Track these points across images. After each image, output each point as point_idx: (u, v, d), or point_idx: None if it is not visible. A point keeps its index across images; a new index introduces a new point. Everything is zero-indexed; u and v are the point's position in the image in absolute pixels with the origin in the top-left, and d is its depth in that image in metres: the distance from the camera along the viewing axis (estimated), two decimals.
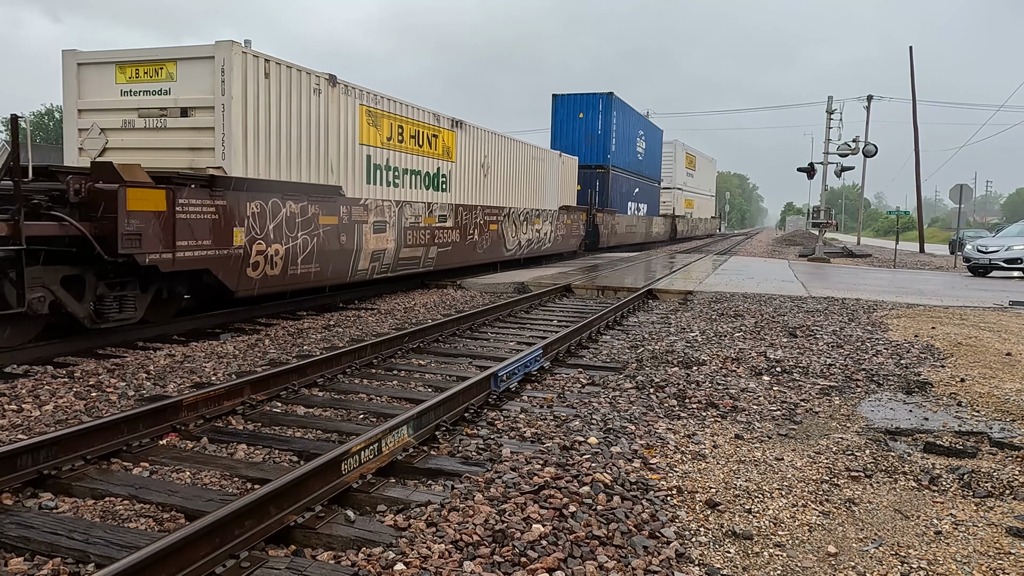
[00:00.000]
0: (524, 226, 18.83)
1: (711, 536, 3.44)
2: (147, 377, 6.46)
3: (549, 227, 20.78)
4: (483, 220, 16.23)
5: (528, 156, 19.19)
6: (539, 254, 20.30)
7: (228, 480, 4.11)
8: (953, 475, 4.20)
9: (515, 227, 18.18)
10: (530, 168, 19.35)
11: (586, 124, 27.34)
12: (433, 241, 13.79)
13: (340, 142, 10.88)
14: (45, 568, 3.02)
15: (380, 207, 11.92)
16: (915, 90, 37.02)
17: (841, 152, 27.27)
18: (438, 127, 14.14)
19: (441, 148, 14.23)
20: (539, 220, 19.94)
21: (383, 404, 5.76)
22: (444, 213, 14.23)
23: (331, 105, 10.65)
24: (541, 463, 4.08)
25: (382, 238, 12.00)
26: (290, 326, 9.39)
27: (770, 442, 4.81)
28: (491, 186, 16.84)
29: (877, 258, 30.55)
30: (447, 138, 14.51)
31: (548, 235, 20.79)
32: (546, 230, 20.60)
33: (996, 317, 10.83)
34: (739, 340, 8.49)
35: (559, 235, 21.75)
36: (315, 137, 10.32)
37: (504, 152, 17.62)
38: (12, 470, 3.86)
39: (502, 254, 17.53)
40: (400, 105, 12.75)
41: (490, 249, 16.69)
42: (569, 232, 22.81)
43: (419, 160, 13.40)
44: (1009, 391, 6.08)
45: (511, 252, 18.04)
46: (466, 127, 15.38)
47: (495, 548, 3.12)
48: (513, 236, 18.07)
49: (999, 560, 3.22)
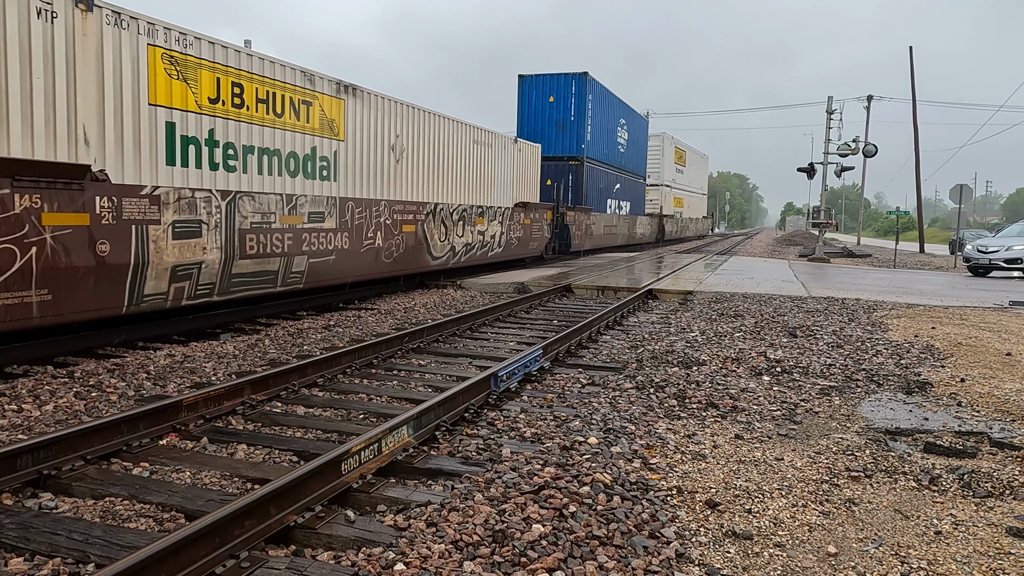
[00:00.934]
0: (460, 227, 15.11)
1: (711, 536, 3.44)
2: (147, 377, 6.46)
3: (499, 228, 17.23)
4: (393, 220, 12.37)
5: (467, 139, 15.76)
6: (485, 261, 16.67)
7: (228, 480, 4.11)
8: (953, 475, 4.19)
9: (445, 228, 14.43)
10: (471, 155, 15.95)
11: (557, 109, 23.76)
12: (300, 249, 9.89)
13: (108, 101, 7.38)
14: (45, 568, 3.02)
15: (189, 201, 8.19)
16: (915, 90, 37.04)
17: (841, 152, 27.26)
18: (312, 91, 10.36)
19: (318, 120, 10.53)
20: (483, 220, 16.27)
21: (383, 404, 5.76)
22: (321, 210, 10.42)
23: (84, 42, 7.10)
24: (541, 463, 4.08)
25: (192, 246, 8.22)
26: (290, 326, 9.39)
27: (770, 442, 4.81)
28: (407, 175, 13.16)
29: (877, 258, 30.55)
30: (329, 108, 10.81)
31: (498, 238, 17.19)
32: (494, 232, 17.03)
33: (996, 317, 10.82)
34: (739, 340, 8.49)
35: (514, 237, 18.24)
36: (47, 90, 6.78)
37: (429, 132, 13.93)
38: (12, 470, 3.86)
39: (425, 263, 13.70)
40: (238, 55, 9.08)
41: (404, 257, 12.86)
42: (528, 234, 19.28)
43: (276, 135, 9.69)
44: (1009, 391, 6.08)
45: (440, 259, 14.33)
46: (363, 95, 11.63)
47: (495, 548, 3.12)
48: (443, 240, 14.35)
49: (999, 560, 3.22)
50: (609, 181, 27.57)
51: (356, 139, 11.62)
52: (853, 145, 27.24)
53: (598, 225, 25.99)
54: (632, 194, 32.00)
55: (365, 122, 11.85)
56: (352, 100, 11.39)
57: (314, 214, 10.34)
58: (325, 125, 10.81)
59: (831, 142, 27.61)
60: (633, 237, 32.48)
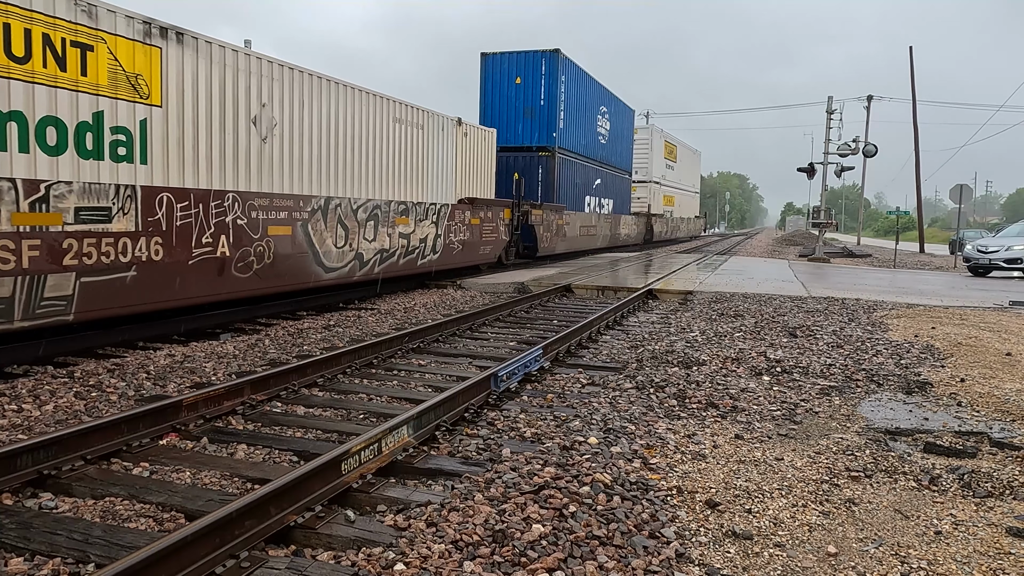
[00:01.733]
0: (371, 229, 11.88)
1: (711, 536, 3.43)
2: (147, 377, 6.46)
3: (432, 230, 14.05)
4: (251, 219, 9.21)
5: (383, 117, 12.55)
6: (413, 271, 13.61)
7: (228, 480, 4.11)
8: (953, 475, 4.19)
9: (346, 231, 11.20)
10: (391, 137, 12.81)
11: (524, 92, 20.64)
12: (60, 263, 6.83)
13: None
14: (45, 568, 3.02)
15: None
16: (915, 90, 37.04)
17: (841, 152, 27.27)
18: (94, 30, 7.26)
19: (106, 73, 7.38)
20: (409, 219, 13.11)
21: (383, 404, 5.76)
22: (105, 204, 7.31)
23: None
24: (541, 463, 4.08)
25: None
26: (290, 326, 9.39)
27: (770, 442, 4.81)
28: (281, 159, 9.99)
29: (877, 258, 30.56)
30: (130, 57, 7.66)
31: (431, 242, 14.00)
32: (426, 234, 13.82)
33: (996, 317, 10.82)
34: (739, 340, 8.49)
35: (456, 241, 15.02)
36: None
37: (319, 103, 10.75)
38: (12, 470, 3.86)
39: (311, 275, 10.48)
40: None
41: (275, 269, 9.67)
42: (477, 237, 16.04)
43: (14, 90, 6.57)
44: (1009, 391, 6.08)
45: (338, 270, 11.12)
46: (199, 44, 8.51)
47: (495, 548, 3.12)
48: (341, 245, 11.13)
49: (999, 560, 3.22)
50: (587, 176, 24.57)
51: (184, 105, 8.29)
52: (853, 145, 27.25)
53: (572, 225, 22.90)
54: (615, 191, 28.96)
55: (203, 82, 8.57)
56: (177, 50, 8.16)
57: (89, 210, 7.13)
58: (122, 81, 7.57)
59: (831, 142, 27.62)
60: (616, 238, 29.28)
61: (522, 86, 20.66)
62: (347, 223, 11.34)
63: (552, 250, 21.03)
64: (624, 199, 30.76)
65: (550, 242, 20.67)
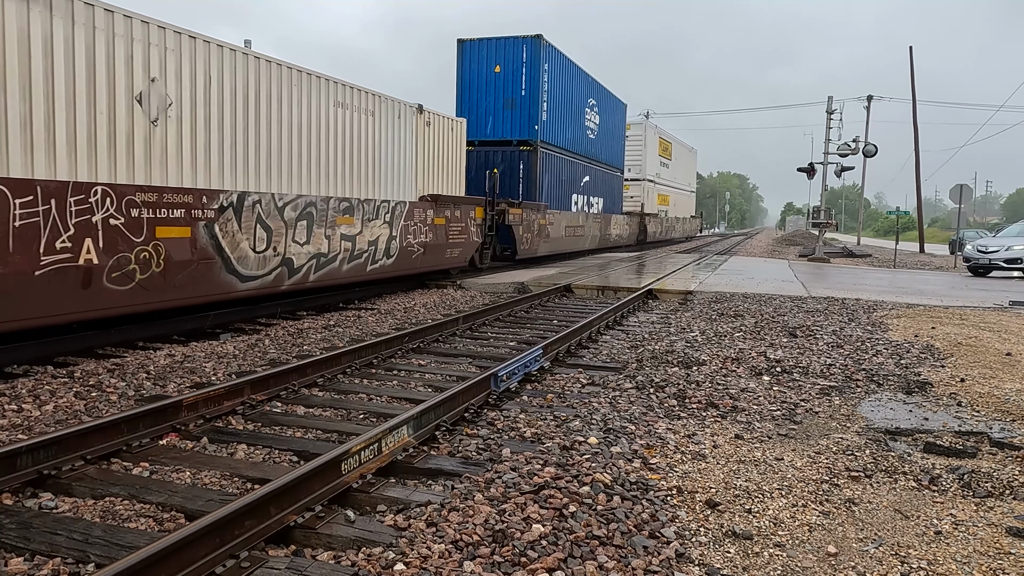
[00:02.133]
0: (304, 230, 10.21)
1: (711, 536, 3.44)
2: (147, 377, 6.46)
3: (385, 231, 12.26)
4: (129, 218, 7.51)
5: (321, 100, 10.79)
6: (362, 278, 11.84)
7: (228, 480, 4.11)
8: (953, 475, 4.20)
9: (268, 232, 9.49)
10: (332, 123, 11.07)
11: (504, 82, 19.12)
12: None
13: None
14: (45, 568, 3.02)
15: None
16: (915, 90, 37.05)
17: (841, 152, 27.28)
18: None
19: None
20: (354, 218, 11.40)
21: (383, 404, 5.76)
22: None
23: None
24: (541, 463, 4.08)
25: None
26: (290, 326, 9.39)
27: (770, 442, 4.81)
28: (179, 146, 8.33)
29: (877, 258, 30.56)
30: None
31: (384, 244, 12.19)
32: (377, 236, 12.03)
33: (996, 317, 10.83)
34: (739, 340, 8.49)
35: (415, 243, 13.19)
36: None
37: (230, 79, 8.97)
38: (12, 470, 3.86)
39: (225, 285, 8.78)
40: None
41: (167, 279, 7.96)
42: (442, 238, 14.25)
43: None
44: (1009, 391, 6.08)
45: (259, 278, 9.36)
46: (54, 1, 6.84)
47: (495, 548, 3.12)
48: (262, 249, 9.37)
49: (999, 560, 3.22)
50: (574, 172, 23.00)
51: (33, 75, 6.67)
52: (853, 145, 27.26)
53: (557, 225, 21.22)
54: (606, 189, 27.24)
55: (61, 47, 6.92)
56: (19, 5, 6.51)
57: None
58: None
59: (831, 142, 27.62)
60: (607, 239, 27.52)
61: (502, 75, 19.11)
62: (270, 223, 9.58)
63: (533, 252, 19.36)
64: (615, 198, 29.16)
65: (531, 244, 19.02)
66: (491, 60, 19.26)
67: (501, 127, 19.33)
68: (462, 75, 19.42)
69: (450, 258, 14.88)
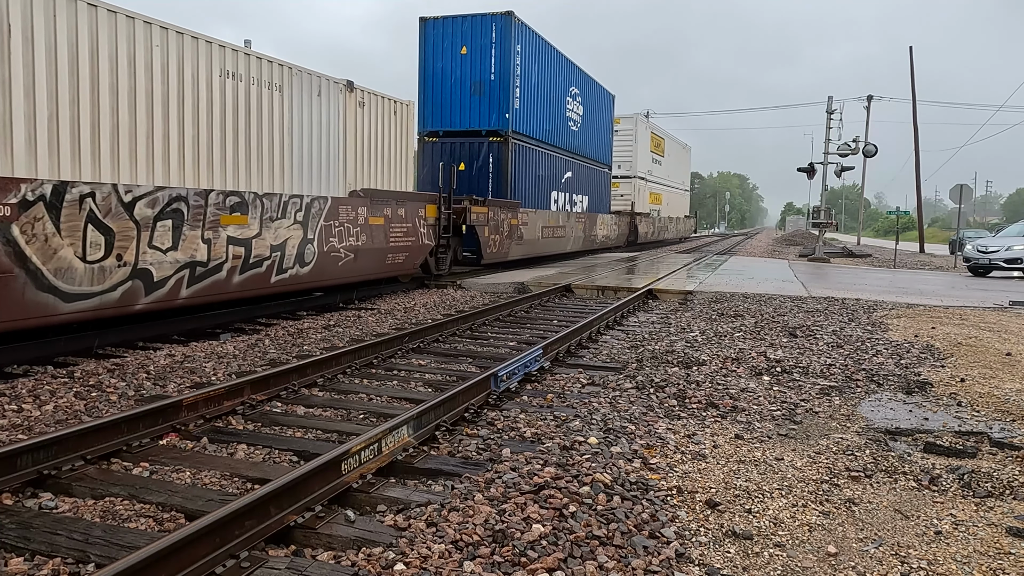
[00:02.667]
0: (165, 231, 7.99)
1: (711, 536, 3.44)
2: (147, 377, 6.46)
3: (298, 233, 10.04)
4: None
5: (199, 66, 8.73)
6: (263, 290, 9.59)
7: (228, 480, 4.11)
8: (953, 475, 4.20)
9: (107, 236, 7.32)
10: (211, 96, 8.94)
11: (472, 65, 17.18)
12: None
13: None
14: (45, 568, 3.02)
15: None
16: (915, 90, 37.05)
17: (841, 152, 27.28)
18: None
19: None
20: (248, 217, 9.21)
21: (383, 404, 5.76)
22: None
23: None
24: (541, 463, 4.08)
25: None
26: (290, 326, 9.39)
27: (770, 442, 4.81)
28: None
29: (877, 258, 30.56)
30: None
31: (296, 249, 9.99)
32: (285, 239, 9.80)
33: (996, 317, 10.83)
34: (739, 340, 8.49)
35: (344, 248, 10.96)
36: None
37: (48, 32, 6.93)
38: (12, 470, 3.86)
39: (35, 307, 6.62)
40: None
41: None
42: (382, 241, 11.95)
43: None
44: (1009, 391, 6.08)
45: (94, 296, 7.19)
46: None
47: (495, 548, 3.12)
48: (97, 258, 7.18)
49: (999, 560, 3.22)
50: (553, 167, 20.92)
51: None
52: (853, 145, 27.26)
53: (532, 226, 18.93)
54: (591, 186, 25.07)
55: None
56: None
57: None
58: None
59: (831, 142, 27.62)
60: (592, 241, 25.20)
61: (468, 58, 17.14)
62: (112, 223, 7.33)
63: (502, 256, 17.07)
64: (602, 196, 26.93)
65: (499, 246, 16.75)
66: (457, 41, 17.18)
67: (468, 116, 17.32)
68: (425, 58, 17.46)
69: (393, 264, 12.52)
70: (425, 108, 17.64)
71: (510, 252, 17.54)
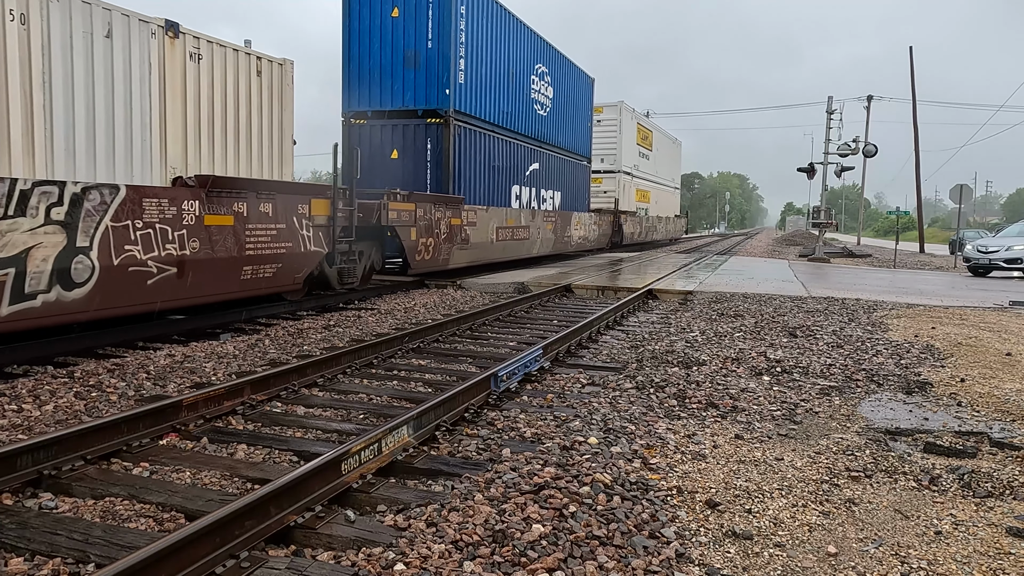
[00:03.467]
0: None
1: (711, 536, 3.44)
2: (147, 377, 6.46)
3: (56, 239, 6.67)
4: None
5: None
6: None
7: (228, 480, 4.11)
8: (953, 475, 4.20)
9: None
10: None
11: (405, 31, 14.47)
12: None
13: None
14: (45, 568, 3.02)
15: None
16: (915, 90, 37.07)
17: (841, 152, 27.29)
18: None
19: None
20: None
21: (383, 404, 5.76)
22: None
23: None
24: (541, 463, 4.08)
25: None
26: (290, 326, 9.39)
27: (770, 442, 4.81)
28: None
29: (877, 258, 30.56)
30: None
31: (54, 265, 6.61)
32: (26, 249, 6.42)
33: (996, 317, 10.82)
34: (739, 340, 8.49)
35: (156, 260, 7.69)
36: None
37: None
38: (12, 470, 3.86)
39: None
40: None
41: None
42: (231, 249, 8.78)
43: None
44: (1009, 391, 6.08)
45: None
46: None
47: (495, 548, 3.12)
48: None
49: (999, 560, 3.22)
50: (514, 157, 17.87)
51: None
52: (853, 145, 27.27)
53: (483, 227, 15.83)
54: (566, 181, 22.28)
55: None
56: None
57: None
58: None
59: (831, 142, 27.63)
60: (565, 242, 22.04)
61: (401, 21, 14.41)
62: None
63: (439, 263, 14.06)
64: (580, 192, 24.04)
65: (434, 251, 13.72)
66: (387, 2, 14.58)
67: (402, 93, 14.47)
68: (350, 23, 14.81)
69: (256, 280, 9.27)
70: (351, 83, 14.87)
71: (451, 259, 14.34)
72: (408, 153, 14.31)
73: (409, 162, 14.31)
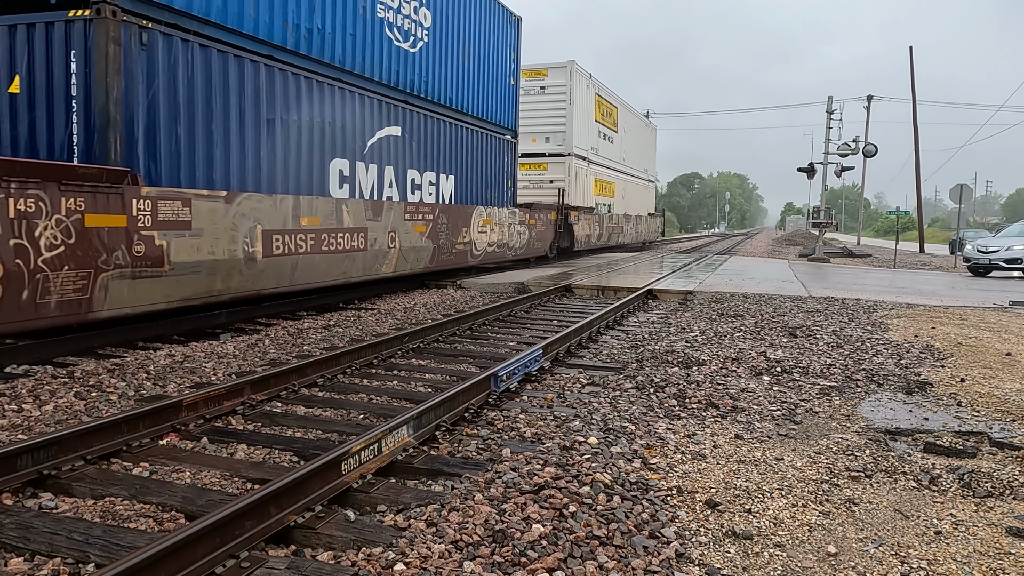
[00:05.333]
0: None
1: (711, 536, 3.43)
2: (147, 377, 6.46)
3: None
4: None
5: None
6: None
7: (228, 480, 4.11)
8: (953, 475, 4.20)
9: None
10: None
11: None
12: None
13: None
14: (45, 568, 3.02)
15: None
16: (915, 90, 37.06)
17: (841, 152, 27.29)
18: None
19: None
20: None
21: (383, 404, 5.76)
22: None
23: None
24: (541, 463, 4.08)
25: None
26: (290, 326, 9.39)
27: (770, 442, 4.81)
28: None
29: (877, 258, 30.55)
30: None
31: None
32: None
33: (996, 317, 10.82)
34: (739, 340, 8.49)
35: None
36: None
37: None
38: (12, 470, 3.86)
39: None
40: None
41: None
42: None
43: None
44: (1009, 391, 6.08)
45: None
46: None
47: (495, 548, 3.12)
48: None
49: (999, 560, 3.22)
50: (335, 113, 10.83)
51: None
52: (853, 145, 27.27)
53: (225, 230, 8.45)
54: (464, 159, 15.32)
55: None
56: None
57: None
58: None
59: (831, 142, 27.63)
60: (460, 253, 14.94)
61: None
62: None
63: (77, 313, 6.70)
64: (496, 178, 17.03)
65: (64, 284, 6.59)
66: None
67: None
68: None
69: None
70: None
71: (109, 297, 7.01)
72: (36, 84, 7.47)
73: (39, 100, 7.48)
